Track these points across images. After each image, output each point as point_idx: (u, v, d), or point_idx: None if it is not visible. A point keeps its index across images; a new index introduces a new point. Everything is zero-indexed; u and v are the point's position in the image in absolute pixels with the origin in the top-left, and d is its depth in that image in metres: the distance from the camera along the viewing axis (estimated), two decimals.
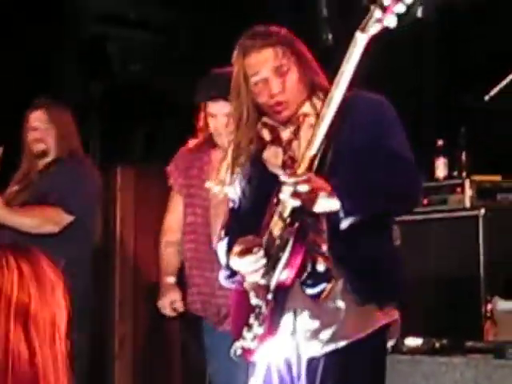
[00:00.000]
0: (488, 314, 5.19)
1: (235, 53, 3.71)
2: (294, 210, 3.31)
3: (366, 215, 3.36)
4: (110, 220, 6.54)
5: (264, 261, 3.43)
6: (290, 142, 3.65)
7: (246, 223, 3.69)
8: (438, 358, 5.04)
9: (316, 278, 3.32)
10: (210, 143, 4.82)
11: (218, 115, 4.70)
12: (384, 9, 3.17)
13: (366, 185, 3.43)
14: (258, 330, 3.41)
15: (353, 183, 3.38)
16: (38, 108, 5.31)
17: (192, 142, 4.97)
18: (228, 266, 3.65)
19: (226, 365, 4.31)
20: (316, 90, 3.62)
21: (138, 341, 6.69)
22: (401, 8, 3.14)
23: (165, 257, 4.96)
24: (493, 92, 5.52)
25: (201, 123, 4.82)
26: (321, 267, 3.31)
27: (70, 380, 1.89)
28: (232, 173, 3.73)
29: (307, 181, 3.20)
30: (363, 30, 3.19)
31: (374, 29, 3.20)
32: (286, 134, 3.64)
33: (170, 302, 4.78)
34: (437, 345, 5.14)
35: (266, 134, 3.70)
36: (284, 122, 3.65)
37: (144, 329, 6.78)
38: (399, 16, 3.35)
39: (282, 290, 3.43)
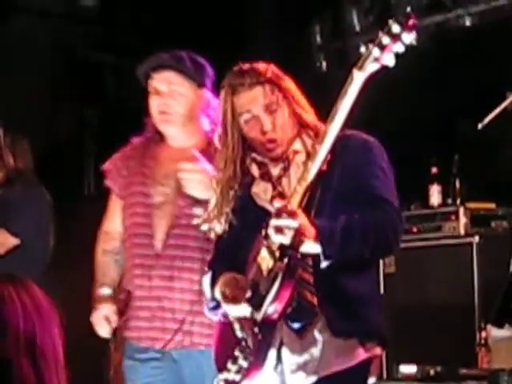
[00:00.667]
0: (482, 342, 5.21)
1: (223, 91, 3.72)
2: (283, 246, 3.31)
3: (345, 260, 3.35)
4: None
5: (250, 309, 3.45)
6: (279, 178, 3.64)
7: (231, 256, 3.69)
8: None
9: (301, 313, 3.35)
10: (157, 139, 4.43)
11: (162, 91, 4.22)
12: (382, 48, 3.17)
13: (348, 231, 3.37)
14: (243, 362, 3.43)
15: (335, 228, 3.34)
16: None
17: (136, 139, 4.54)
18: (213, 298, 3.63)
19: None
20: (305, 126, 3.63)
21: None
22: (399, 47, 3.15)
23: (101, 266, 4.39)
24: (486, 120, 5.35)
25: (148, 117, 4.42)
26: (307, 302, 3.36)
27: None
28: (220, 209, 3.72)
29: (294, 215, 3.21)
30: (360, 69, 3.19)
31: (371, 67, 3.22)
32: (275, 170, 3.64)
33: (103, 317, 4.16)
34: (431, 372, 5.33)
35: (255, 170, 3.70)
36: (275, 159, 3.64)
37: None
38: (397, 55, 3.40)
39: (268, 324, 3.43)
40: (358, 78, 3.27)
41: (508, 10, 6.94)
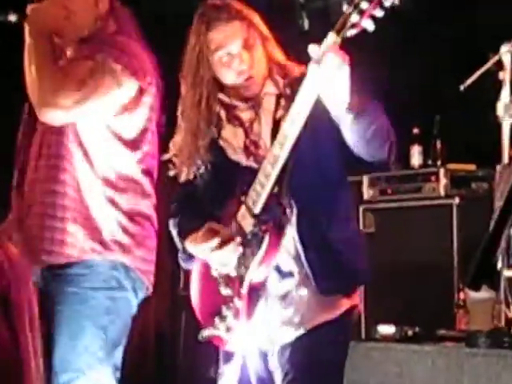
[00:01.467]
0: (461, 303, 5.30)
1: (195, 25, 3.56)
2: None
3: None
4: None
5: (236, 269, 3.48)
6: (251, 122, 3.56)
7: (200, 208, 3.65)
8: (411, 346, 5.11)
9: (283, 273, 3.41)
10: None
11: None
12: (362, 13, 3.04)
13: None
14: (232, 322, 3.45)
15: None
16: None
17: None
18: (184, 250, 3.61)
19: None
20: (276, 65, 3.55)
21: None
22: (379, 12, 3.05)
23: None
24: (468, 82, 5.55)
25: None
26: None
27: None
28: (189, 158, 3.62)
29: None
30: (338, 33, 3.08)
31: (349, 32, 3.10)
32: (245, 114, 3.57)
33: None
34: (409, 333, 5.22)
35: (223, 114, 3.62)
36: (246, 99, 3.54)
37: None
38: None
39: (254, 284, 3.45)
40: (314, 72, 3.11)
41: None
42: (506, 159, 5.51)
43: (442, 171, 5.92)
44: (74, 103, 3.81)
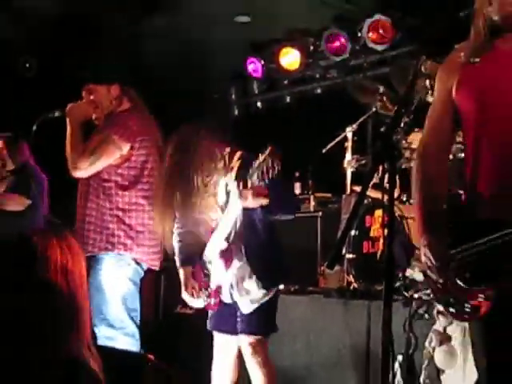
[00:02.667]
0: (321, 273, 6.00)
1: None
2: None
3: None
4: None
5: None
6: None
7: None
8: (293, 297, 5.76)
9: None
10: None
11: None
12: (262, 174, 3.69)
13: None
14: (206, 296, 4.16)
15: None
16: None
17: None
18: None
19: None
20: None
21: None
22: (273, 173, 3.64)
23: None
24: (327, 147, 6.33)
25: None
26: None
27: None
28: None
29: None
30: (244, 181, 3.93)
31: (254, 180, 3.75)
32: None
33: None
34: (291, 289, 5.87)
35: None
36: None
37: None
38: None
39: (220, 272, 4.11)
40: None
41: None
42: (348, 191, 6.20)
43: (311, 197, 6.65)
44: (88, 166, 4.39)
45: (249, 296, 3.99)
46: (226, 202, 4.06)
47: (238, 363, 4.20)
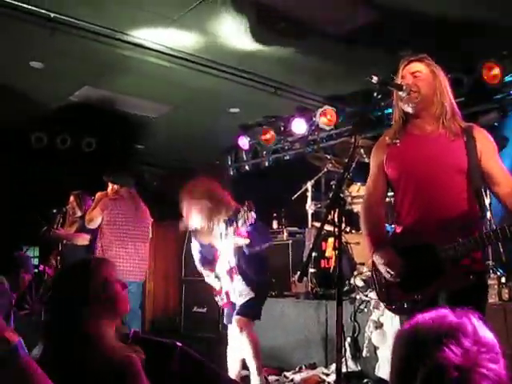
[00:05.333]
0: (293, 282, 5.81)
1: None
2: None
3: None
4: None
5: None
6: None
7: (204, 261, 4.31)
8: (273, 299, 5.56)
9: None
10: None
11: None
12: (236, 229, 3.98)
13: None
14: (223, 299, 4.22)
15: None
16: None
17: None
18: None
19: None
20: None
21: None
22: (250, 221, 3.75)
23: None
24: (294, 196, 6.08)
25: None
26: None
27: None
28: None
29: None
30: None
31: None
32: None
33: None
34: (273, 293, 5.62)
35: None
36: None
37: None
38: None
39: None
40: None
41: None
42: (310, 226, 5.99)
43: (284, 230, 6.51)
44: (88, 222, 5.11)
45: (240, 293, 4.06)
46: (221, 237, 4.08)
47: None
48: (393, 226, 2.74)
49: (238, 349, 4.12)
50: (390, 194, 2.87)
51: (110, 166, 5.83)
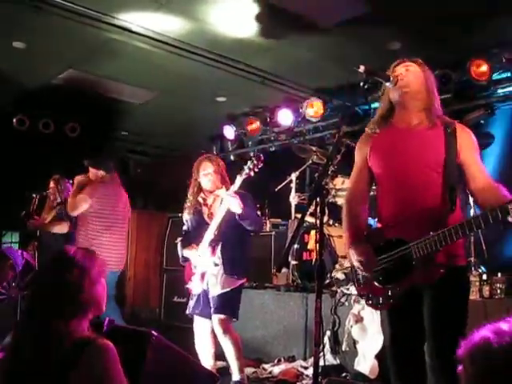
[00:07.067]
0: (274, 273, 5.78)
1: (195, 166, 4.06)
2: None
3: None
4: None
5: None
6: (211, 204, 4.13)
7: (189, 238, 4.16)
8: (255, 290, 5.69)
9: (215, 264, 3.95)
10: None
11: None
12: (250, 169, 3.82)
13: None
14: (197, 281, 4.02)
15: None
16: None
17: None
18: (183, 256, 4.14)
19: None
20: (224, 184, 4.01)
21: None
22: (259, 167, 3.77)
23: None
24: (279, 187, 6.00)
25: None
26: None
27: None
28: (188, 214, 4.18)
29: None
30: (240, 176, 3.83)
31: (244, 176, 3.79)
32: (209, 200, 4.12)
33: None
34: (253, 285, 5.77)
35: (201, 199, 4.14)
36: (210, 194, 4.00)
37: None
38: None
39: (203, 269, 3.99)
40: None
41: None
42: (293, 218, 5.92)
43: (268, 221, 6.44)
44: (72, 209, 4.83)
45: (216, 280, 3.90)
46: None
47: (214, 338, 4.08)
48: (376, 219, 2.70)
49: (210, 344, 4.08)
50: (375, 187, 2.81)
51: (94, 152, 5.81)
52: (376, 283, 2.52)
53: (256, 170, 3.69)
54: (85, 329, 1.83)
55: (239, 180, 3.77)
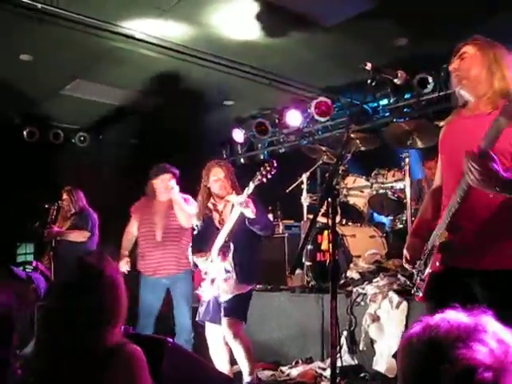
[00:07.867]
0: (289, 275, 5.65)
1: (205, 170, 4.01)
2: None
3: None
4: None
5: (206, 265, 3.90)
6: (222, 210, 4.07)
7: (200, 243, 4.12)
8: (271, 293, 5.64)
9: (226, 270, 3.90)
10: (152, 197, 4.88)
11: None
12: (262, 175, 3.64)
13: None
14: (207, 287, 3.99)
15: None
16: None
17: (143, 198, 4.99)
18: (193, 262, 4.10)
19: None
20: (234, 190, 3.91)
21: None
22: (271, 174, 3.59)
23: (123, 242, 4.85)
24: (289, 189, 5.96)
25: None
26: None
27: None
28: (198, 220, 4.13)
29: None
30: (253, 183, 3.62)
31: (257, 183, 3.67)
32: (220, 206, 4.04)
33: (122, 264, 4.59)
34: (268, 287, 5.73)
35: (211, 205, 4.06)
36: (220, 199, 3.92)
37: None
38: None
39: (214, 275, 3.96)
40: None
41: None
42: (305, 218, 5.92)
43: (280, 223, 6.40)
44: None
45: (227, 285, 3.85)
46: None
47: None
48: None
49: (224, 350, 4.03)
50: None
51: (104, 162, 5.70)
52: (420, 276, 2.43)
53: (269, 176, 3.61)
54: (118, 335, 1.81)
55: (252, 186, 3.70)
